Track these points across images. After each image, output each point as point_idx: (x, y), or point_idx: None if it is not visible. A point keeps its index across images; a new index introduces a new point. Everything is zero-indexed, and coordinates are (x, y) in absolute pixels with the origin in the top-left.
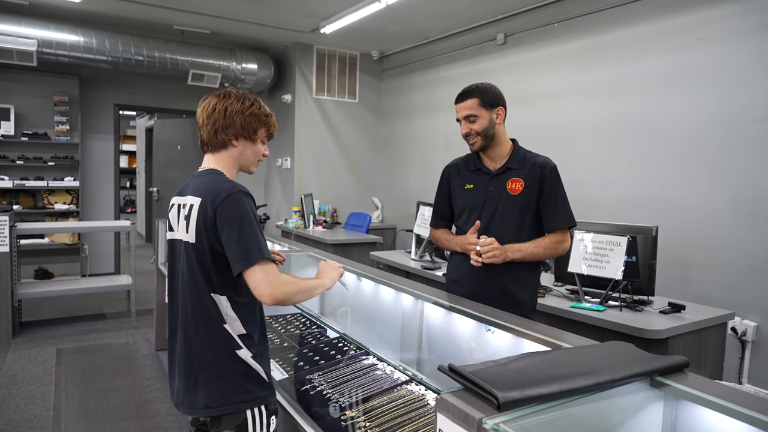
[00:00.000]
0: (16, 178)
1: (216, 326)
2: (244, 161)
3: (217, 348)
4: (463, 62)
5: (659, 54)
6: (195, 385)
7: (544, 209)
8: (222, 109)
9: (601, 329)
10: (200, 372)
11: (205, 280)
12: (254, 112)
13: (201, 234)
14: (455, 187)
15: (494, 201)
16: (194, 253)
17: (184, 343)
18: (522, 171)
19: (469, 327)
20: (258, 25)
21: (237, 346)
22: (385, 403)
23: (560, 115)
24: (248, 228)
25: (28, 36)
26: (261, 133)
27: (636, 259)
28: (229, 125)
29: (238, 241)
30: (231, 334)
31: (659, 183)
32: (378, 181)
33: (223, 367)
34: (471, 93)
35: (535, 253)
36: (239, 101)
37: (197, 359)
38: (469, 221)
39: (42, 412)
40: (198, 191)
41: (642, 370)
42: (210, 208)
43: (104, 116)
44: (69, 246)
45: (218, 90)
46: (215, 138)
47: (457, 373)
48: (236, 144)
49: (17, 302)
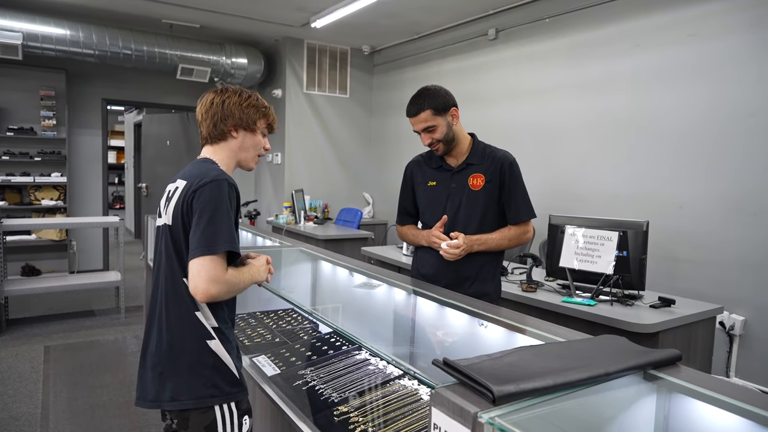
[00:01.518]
0: (1, 173)
1: (188, 313)
2: (244, 155)
3: (189, 337)
4: (455, 57)
5: (650, 50)
6: (162, 376)
7: (507, 203)
8: (219, 102)
9: (592, 323)
10: (169, 362)
11: (179, 263)
12: (252, 104)
13: (177, 216)
14: (418, 184)
15: (457, 197)
16: (170, 236)
17: (158, 331)
18: (482, 166)
19: (462, 321)
20: (248, 19)
21: (208, 336)
22: (379, 397)
23: (551, 111)
24: (221, 216)
25: (12, 29)
26: (260, 124)
27: (627, 253)
28: (227, 116)
29: (206, 227)
30: (203, 323)
31: (650, 179)
32: (369, 177)
33: (194, 358)
34: (422, 105)
35: (500, 244)
36: (236, 94)
37: (168, 348)
38: (433, 217)
39: (30, 409)
40: (185, 175)
41: (635, 364)
42: (191, 190)
43: (92, 111)
44: (56, 242)
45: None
46: (214, 130)
47: (451, 367)
48: (236, 135)
49: (4, 299)
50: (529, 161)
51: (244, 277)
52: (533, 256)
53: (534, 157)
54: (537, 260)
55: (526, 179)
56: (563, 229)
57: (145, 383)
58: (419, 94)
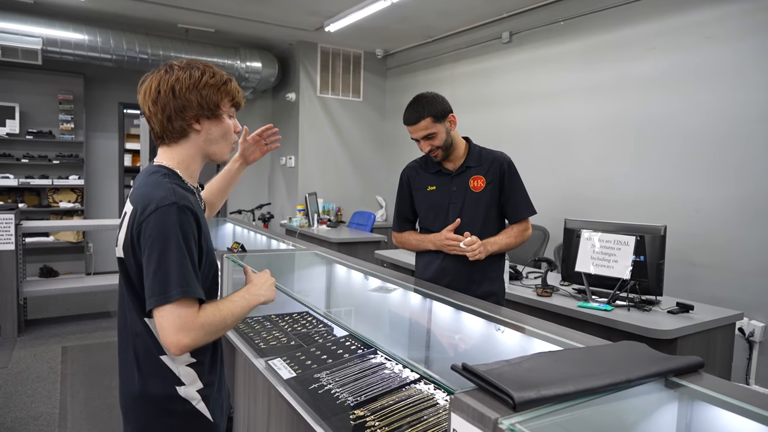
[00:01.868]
0: (20, 176)
1: (152, 356)
2: (213, 147)
3: (155, 381)
4: (468, 61)
5: (665, 53)
6: (126, 417)
7: (508, 202)
8: (168, 89)
9: (609, 329)
10: (133, 405)
11: (135, 301)
12: (208, 82)
13: (127, 250)
14: (416, 190)
15: (459, 200)
16: (123, 271)
17: (124, 369)
18: (481, 168)
19: (478, 326)
20: (262, 24)
21: (177, 382)
22: (395, 402)
23: (565, 114)
24: (171, 254)
25: (33, 34)
26: (224, 105)
27: (644, 258)
28: (183, 107)
29: (156, 270)
30: (170, 368)
31: (665, 182)
32: (382, 180)
33: (158, 406)
34: (421, 113)
35: (509, 243)
36: (185, 72)
37: (134, 390)
38: (436, 221)
39: (48, 409)
40: (133, 197)
41: (657, 371)
42: (137, 220)
43: (109, 115)
44: (73, 244)
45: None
46: (171, 127)
47: (470, 372)
48: (198, 128)
49: (23, 300)
50: (541, 164)
51: (233, 308)
52: (548, 260)
53: (547, 160)
54: (552, 264)
55: (540, 182)
56: (579, 234)
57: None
58: (416, 101)
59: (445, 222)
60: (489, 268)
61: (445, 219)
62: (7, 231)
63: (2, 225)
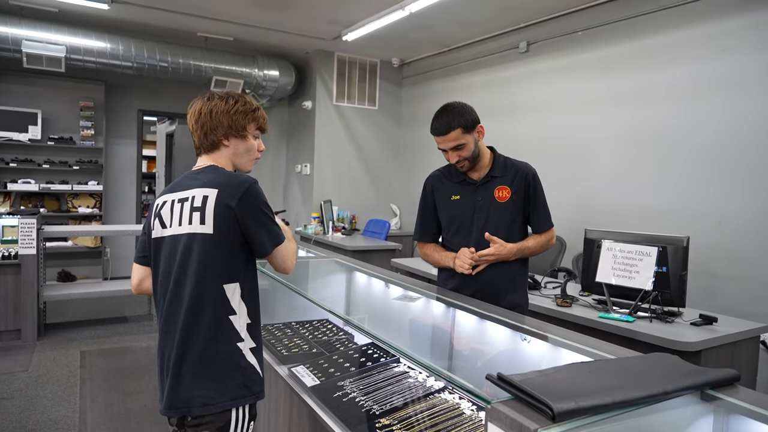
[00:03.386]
0: (42, 181)
1: (223, 318)
2: (239, 160)
3: (222, 340)
4: (485, 70)
5: (683, 64)
6: (192, 381)
7: (533, 213)
8: (207, 111)
9: (631, 340)
10: (201, 367)
11: (222, 270)
12: (239, 109)
13: (222, 224)
14: (440, 199)
15: (484, 210)
16: (212, 244)
17: (181, 340)
18: (506, 178)
19: (503, 335)
20: (280, 33)
21: (239, 338)
22: (420, 411)
23: (583, 124)
24: (271, 214)
25: (57, 42)
26: (250, 128)
27: (666, 269)
28: (216, 126)
29: (264, 228)
30: (234, 327)
31: (687, 193)
32: (397, 189)
33: (226, 362)
34: (451, 123)
35: (534, 251)
36: (223, 101)
37: (200, 353)
38: (459, 232)
39: (68, 413)
40: (211, 184)
41: (693, 383)
42: (232, 199)
43: (128, 121)
44: (91, 249)
45: (204, 93)
46: (206, 140)
47: (506, 382)
48: (227, 143)
49: (42, 304)
50: (559, 174)
51: (292, 246)
52: (567, 270)
53: (565, 170)
54: (571, 274)
55: (557, 192)
56: (600, 244)
57: (169, 392)
58: (446, 112)
59: (469, 231)
60: (514, 279)
61: (469, 229)
62: (30, 235)
63: (25, 229)
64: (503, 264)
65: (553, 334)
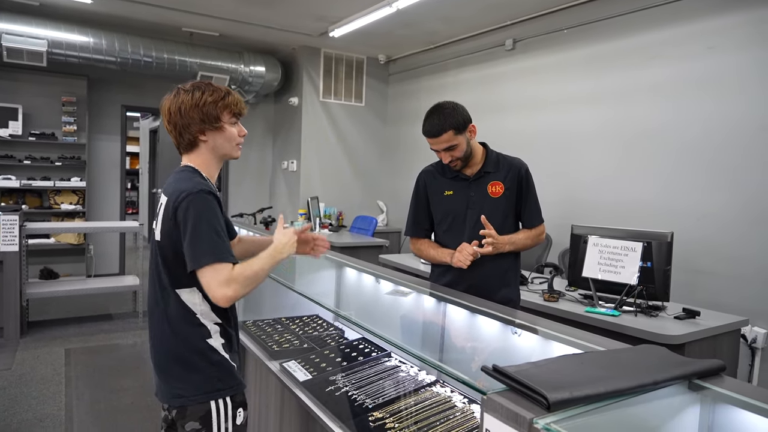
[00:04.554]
0: (23, 177)
1: (185, 319)
2: (222, 151)
3: (190, 336)
4: (471, 67)
5: (669, 61)
6: (166, 375)
7: (525, 208)
8: (176, 110)
9: (617, 334)
10: (172, 362)
11: (169, 276)
12: (207, 100)
13: (165, 233)
14: (433, 194)
15: (477, 205)
16: (159, 251)
17: (159, 333)
18: (499, 174)
19: (493, 329)
20: (266, 28)
21: (206, 335)
22: (412, 404)
23: (569, 121)
24: (202, 229)
25: (38, 36)
26: (225, 117)
27: (651, 264)
28: (189, 123)
29: (190, 242)
30: (199, 326)
31: (670, 189)
32: (383, 185)
33: (195, 357)
34: (443, 125)
35: (525, 244)
36: (189, 94)
37: (170, 348)
38: (452, 227)
39: (54, 411)
40: (166, 190)
41: (681, 373)
42: (171, 207)
43: (111, 117)
44: (74, 246)
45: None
46: (182, 139)
47: (501, 373)
48: (204, 138)
49: (25, 302)
50: (546, 171)
51: (261, 264)
52: (554, 266)
53: (551, 166)
54: (558, 269)
55: (543, 188)
56: (586, 239)
57: (157, 382)
58: (437, 112)
59: (462, 227)
60: (507, 274)
61: (462, 224)
62: (12, 232)
63: (7, 226)
64: (496, 259)
65: (544, 327)
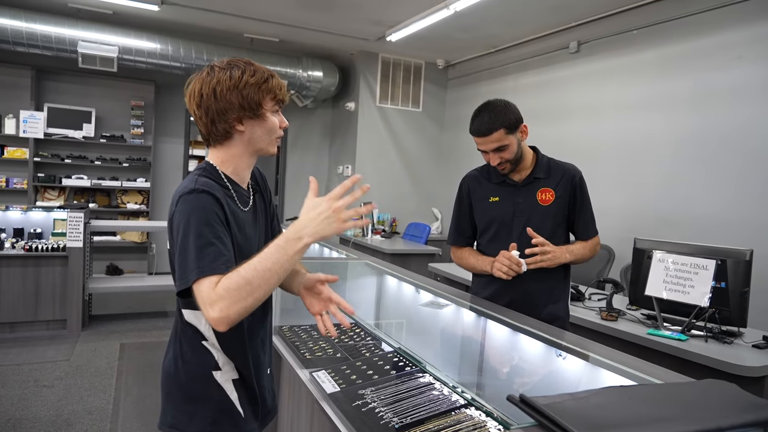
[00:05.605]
0: (93, 177)
1: (191, 344)
2: (258, 145)
3: (195, 364)
4: (533, 71)
5: (754, 62)
6: (166, 398)
7: (579, 218)
8: (210, 91)
9: (683, 361)
10: (175, 387)
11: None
12: (248, 82)
13: (169, 242)
14: (477, 200)
15: (525, 213)
16: (171, 262)
17: (172, 351)
18: (550, 180)
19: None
20: (325, 34)
21: (213, 367)
22: (443, 427)
23: (636, 127)
24: (189, 237)
25: (110, 43)
26: (267, 103)
27: (725, 285)
28: (225, 109)
29: (177, 256)
30: (207, 355)
31: (751, 203)
32: (438, 192)
33: (197, 388)
34: (494, 123)
35: (584, 256)
36: (225, 73)
37: (176, 372)
38: (497, 237)
39: (102, 404)
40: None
41: (755, 420)
42: (168, 214)
43: (176, 121)
44: (138, 244)
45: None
46: (215, 129)
47: (529, 405)
48: (242, 128)
49: (88, 296)
50: (610, 180)
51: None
52: (615, 282)
53: (616, 176)
54: (618, 286)
55: (606, 199)
56: (650, 254)
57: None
58: (487, 110)
59: (508, 236)
60: (554, 290)
61: (508, 233)
62: (77, 229)
63: (73, 223)
64: (543, 272)
65: (593, 351)
